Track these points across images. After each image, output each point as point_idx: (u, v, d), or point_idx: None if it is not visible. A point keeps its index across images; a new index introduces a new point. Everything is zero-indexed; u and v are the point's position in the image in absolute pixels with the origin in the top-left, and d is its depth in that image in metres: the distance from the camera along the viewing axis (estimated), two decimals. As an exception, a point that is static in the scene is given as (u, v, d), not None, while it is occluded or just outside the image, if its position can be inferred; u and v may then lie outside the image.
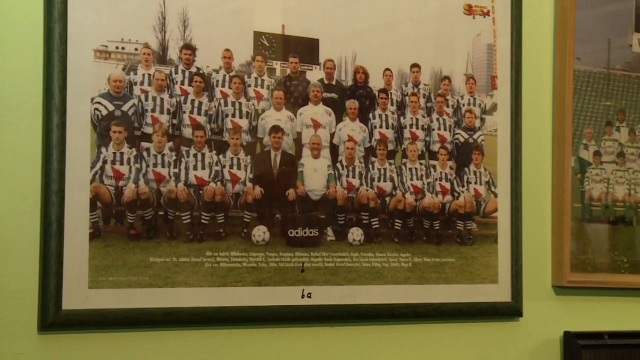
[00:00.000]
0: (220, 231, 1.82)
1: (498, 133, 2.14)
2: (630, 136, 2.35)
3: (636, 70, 2.39)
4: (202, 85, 1.82)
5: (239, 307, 1.82)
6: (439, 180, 2.06)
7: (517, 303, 2.12)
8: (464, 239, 2.07)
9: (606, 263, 2.28)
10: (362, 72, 1.99)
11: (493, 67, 2.15)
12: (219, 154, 1.83)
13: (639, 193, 2.34)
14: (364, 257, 1.95)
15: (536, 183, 2.20)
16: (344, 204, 1.95)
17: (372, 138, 2.00)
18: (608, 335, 2.22)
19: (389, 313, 1.97)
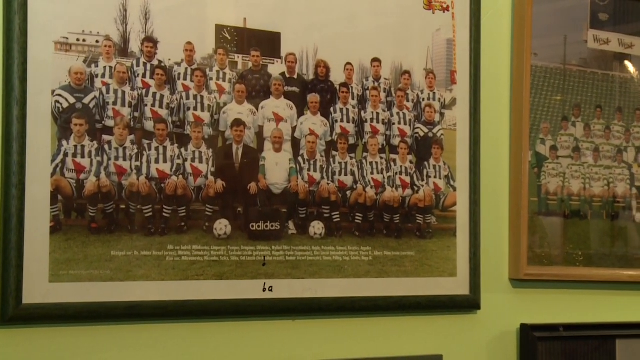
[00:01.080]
0: (182, 225, 1.86)
1: (457, 127, 2.21)
2: (586, 131, 2.44)
3: (591, 66, 2.48)
4: (163, 78, 1.86)
5: (201, 301, 1.86)
6: (399, 174, 2.13)
7: (475, 296, 2.20)
8: (424, 233, 2.15)
9: (562, 256, 2.37)
10: (323, 66, 2.04)
11: (452, 62, 2.22)
12: (181, 147, 1.87)
13: (593, 187, 2.44)
14: (325, 251, 2.01)
15: (494, 177, 2.28)
16: (306, 198, 2.01)
17: (334, 132, 2.05)
18: (563, 327, 2.31)
19: (350, 306, 2.03)
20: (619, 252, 2.48)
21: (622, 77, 2.53)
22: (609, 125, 2.48)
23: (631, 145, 2.52)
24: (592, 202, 2.44)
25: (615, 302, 2.46)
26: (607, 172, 2.47)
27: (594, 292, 2.42)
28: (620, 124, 2.51)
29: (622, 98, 2.52)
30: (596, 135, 2.46)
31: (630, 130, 2.52)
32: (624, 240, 2.49)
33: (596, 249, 2.43)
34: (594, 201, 2.44)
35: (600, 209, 2.45)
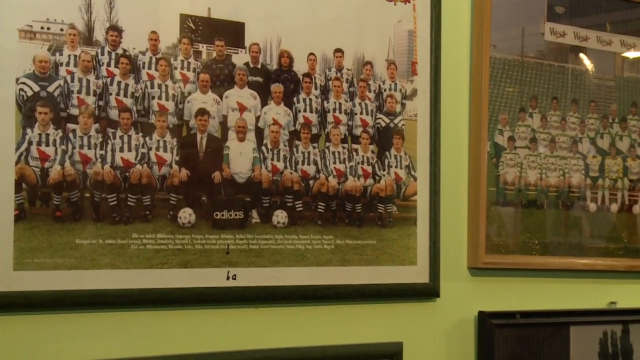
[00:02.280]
0: (147, 213, 1.91)
1: (418, 118, 2.29)
2: (542, 122, 2.54)
3: (548, 58, 2.57)
4: (128, 67, 1.90)
5: (165, 289, 1.91)
6: (361, 164, 2.19)
7: (434, 284, 2.28)
8: (385, 222, 2.22)
9: (518, 245, 2.46)
10: (286, 57, 2.10)
11: (413, 53, 2.29)
12: (146, 136, 1.92)
13: (549, 177, 2.54)
14: (288, 240, 2.07)
15: (454, 167, 2.36)
16: (269, 187, 2.06)
17: (297, 122, 2.11)
18: (520, 314, 2.40)
19: (312, 294, 2.09)
20: (574, 241, 2.58)
21: (577, 69, 2.63)
22: (564, 117, 2.58)
23: (586, 136, 2.62)
24: (548, 192, 2.53)
25: (570, 290, 2.56)
26: (563, 163, 2.56)
27: (550, 280, 2.52)
28: (575, 115, 2.60)
29: (577, 90, 2.62)
30: (552, 127, 2.55)
31: (585, 122, 2.62)
32: (578, 230, 2.59)
33: (552, 237, 2.53)
34: (550, 191, 2.54)
35: (555, 199, 2.55)
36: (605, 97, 2.68)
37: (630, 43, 2.74)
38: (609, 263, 2.63)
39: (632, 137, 2.72)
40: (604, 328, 2.59)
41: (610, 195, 2.66)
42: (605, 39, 2.68)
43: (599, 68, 2.67)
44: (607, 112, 2.67)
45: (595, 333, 2.57)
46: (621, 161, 2.69)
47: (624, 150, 2.70)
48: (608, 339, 2.59)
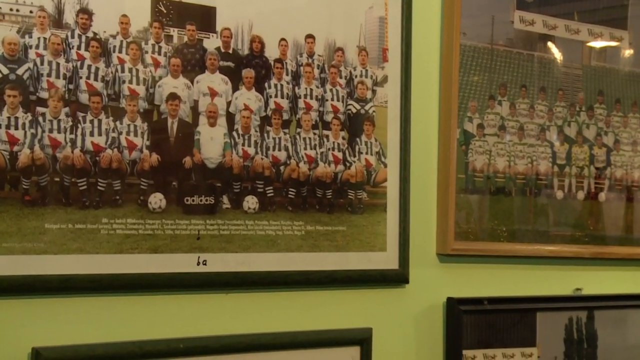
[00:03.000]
0: (117, 198, 1.91)
1: (388, 105, 2.32)
2: (511, 110, 2.58)
3: (517, 46, 2.61)
4: (98, 51, 1.90)
5: (135, 274, 1.92)
6: (332, 150, 2.22)
7: (404, 270, 2.31)
8: (355, 208, 2.24)
9: (487, 232, 2.51)
10: (258, 42, 2.11)
11: (384, 40, 2.32)
12: (116, 121, 1.92)
13: (517, 165, 2.58)
14: (259, 225, 2.09)
15: (424, 154, 2.39)
16: (240, 173, 2.08)
17: (268, 107, 2.13)
18: (487, 300, 2.45)
19: (283, 280, 2.11)
20: (541, 228, 2.63)
21: (546, 57, 2.68)
22: (533, 105, 2.62)
23: (553, 124, 2.67)
24: (516, 180, 2.58)
25: (536, 276, 2.62)
26: (531, 150, 2.61)
27: (517, 266, 2.57)
28: (543, 103, 2.65)
29: (546, 78, 2.67)
30: (521, 114, 2.60)
31: (553, 110, 2.67)
32: (545, 217, 2.64)
33: (519, 225, 2.57)
34: (518, 178, 2.58)
35: (523, 186, 2.59)
36: (573, 85, 2.73)
37: (598, 32, 2.79)
38: (574, 250, 2.69)
39: (599, 126, 2.78)
40: (569, 314, 2.65)
41: (576, 183, 2.71)
42: (573, 27, 2.73)
43: (567, 57, 2.72)
44: (575, 100, 2.72)
45: (561, 319, 2.63)
46: (587, 149, 2.75)
47: (591, 138, 2.76)
48: (573, 325, 2.65)
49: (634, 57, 2.89)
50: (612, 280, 2.81)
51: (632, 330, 2.80)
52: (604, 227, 2.78)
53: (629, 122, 2.85)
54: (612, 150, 2.80)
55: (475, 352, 2.43)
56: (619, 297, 2.78)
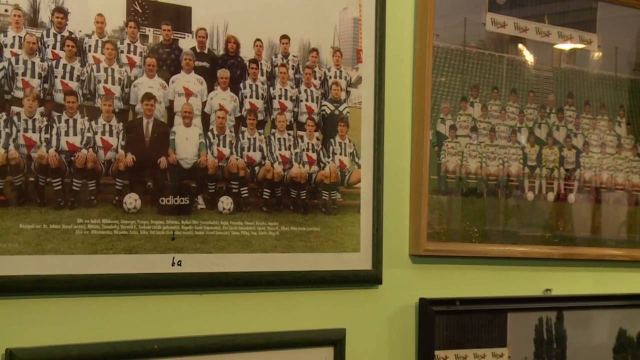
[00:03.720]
0: (92, 198, 1.93)
1: (362, 105, 2.35)
2: (483, 111, 2.63)
3: (489, 48, 2.67)
4: (74, 50, 1.92)
5: (110, 275, 1.93)
6: (306, 151, 2.25)
7: (377, 271, 2.35)
8: (329, 209, 2.28)
9: (459, 233, 2.55)
10: (233, 42, 2.14)
11: (358, 41, 2.36)
12: (91, 120, 1.94)
13: (489, 166, 2.63)
14: (234, 226, 2.12)
15: (397, 155, 2.43)
16: (215, 173, 2.10)
17: (243, 108, 2.16)
18: (459, 301, 2.50)
19: (257, 281, 2.14)
20: (512, 229, 2.68)
21: (517, 59, 2.73)
22: (504, 106, 2.68)
23: (524, 126, 2.73)
24: (488, 181, 2.63)
25: (507, 277, 2.67)
26: (502, 152, 2.67)
27: (489, 267, 2.62)
28: (514, 105, 2.71)
29: (517, 80, 2.72)
30: (492, 116, 2.65)
31: (524, 112, 2.73)
32: (516, 218, 2.69)
33: (491, 226, 2.63)
34: (490, 180, 2.64)
35: (495, 187, 2.65)
36: (543, 87, 2.79)
37: (568, 35, 2.86)
38: (545, 251, 2.75)
39: (568, 128, 2.84)
40: (539, 315, 2.71)
41: (547, 185, 2.77)
42: (543, 30, 2.79)
43: (538, 59, 2.78)
44: (545, 102, 2.78)
45: (531, 319, 2.69)
46: (557, 151, 2.81)
47: (561, 140, 2.82)
48: (543, 325, 2.71)
49: (603, 59, 2.96)
50: (581, 281, 2.87)
51: (599, 331, 2.87)
52: (573, 229, 2.85)
53: (597, 124, 2.92)
54: (582, 152, 2.87)
55: (447, 353, 2.48)
56: (587, 297, 2.84)
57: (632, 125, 3.01)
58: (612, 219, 2.96)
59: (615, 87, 2.97)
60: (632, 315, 2.94)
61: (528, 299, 2.69)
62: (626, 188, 2.98)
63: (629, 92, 3.00)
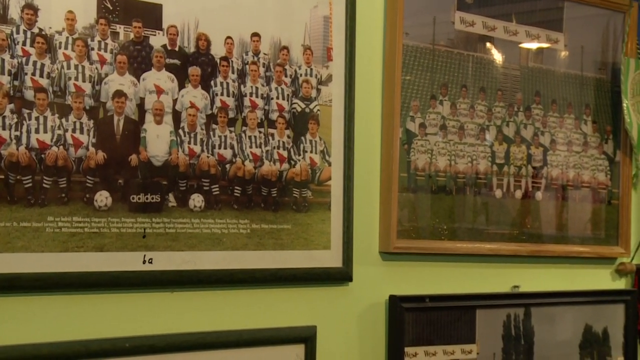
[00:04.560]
0: (62, 196, 1.93)
1: (333, 103, 2.38)
2: (452, 110, 2.67)
3: (458, 47, 2.70)
4: (44, 47, 1.92)
5: (80, 273, 1.94)
6: (277, 149, 2.27)
7: (347, 268, 2.37)
8: (300, 207, 2.30)
9: (428, 230, 2.59)
10: (204, 39, 2.15)
11: (329, 39, 2.38)
12: (62, 118, 1.94)
13: (458, 164, 2.67)
14: (205, 224, 2.13)
15: (367, 153, 2.46)
16: (186, 171, 2.11)
17: (214, 105, 2.17)
18: (429, 298, 2.53)
19: (228, 278, 2.16)
20: (480, 226, 2.72)
21: (485, 58, 2.77)
22: (473, 105, 2.72)
23: (492, 124, 2.77)
24: (457, 178, 2.67)
25: (476, 274, 2.71)
26: (471, 150, 2.70)
27: (458, 264, 2.66)
28: (483, 103, 2.74)
29: (485, 79, 2.76)
30: (461, 114, 2.68)
31: (492, 110, 2.77)
32: (484, 215, 2.73)
33: (460, 223, 2.66)
34: (459, 177, 2.67)
35: (464, 185, 2.68)
36: (511, 86, 2.83)
37: (535, 34, 2.90)
38: (512, 248, 2.79)
39: (536, 126, 2.89)
40: (507, 311, 2.75)
41: (514, 182, 2.81)
42: (511, 29, 2.83)
43: (506, 57, 2.82)
44: (513, 100, 2.82)
45: (499, 316, 2.73)
46: (525, 149, 2.85)
47: (528, 138, 2.87)
48: (511, 322, 2.76)
49: (569, 58, 3.01)
50: (548, 278, 2.92)
51: (566, 326, 2.92)
52: (540, 226, 2.89)
53: (564, 122, 2.97)
54: (549, 150, 2.92)
55: (417, 349, 2.51)
56: (554, 294, 2.89)
57: (598, 123, 3.06)
58: (578, 217, 3.01)
59: (581, 86, 3.02)
60: (598, 312, 3.00)
61: (496, 295, 2.74)
62: (592, 186, 3.04)
63: (594, 91, 3.06)
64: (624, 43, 3.12)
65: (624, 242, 3.10)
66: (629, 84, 3.10)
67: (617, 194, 3.10)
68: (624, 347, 3.06)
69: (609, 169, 3.08)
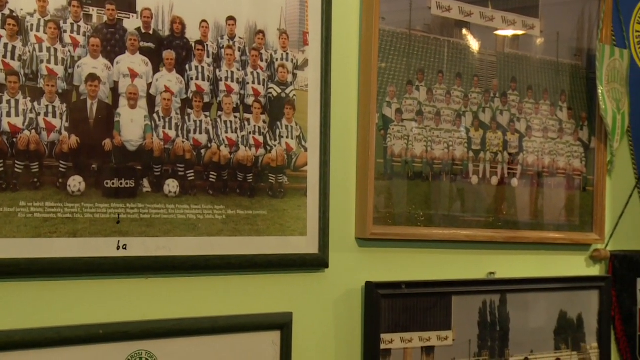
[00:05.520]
0: (35, 181, 1.91)
1: (309, 88, 2.36)
2: (428, 95, 2.66)
3: (434, 32, 2.70)
4: (15, 29, 1.89)
5: (53, 259, 1.92)
6: (253, 134, 2.25)
7: (323, 255, 2.37)
8: (276, 192, 2.29)
9: (405, 217, 2.58)
10: (179, 23, 2.13)
11: (305, 23, 2.36)
12: (34, 101, 1.91)
13: (434, 150, 2.67)
14: (180, 209, 2.12)
15: (343, 139, 2.45)
16: (161, 155, 2.09)
17: (189, 90, 2.15)
18: (405, 284, 2.53)
19: (203, 265, 2.14)
20: (457, 213, 2.72)
21: (462, 44, 2.77)
22: (449, 90, 2.71)
23: (469, 110, 2.77)
24: (433, 165, 2.66)
25: (452, 261, 2.71)
26: (447, 136, 2.70)
27: (434, 250, 2.66)
28: (459, 89, 2.74)
29: (461, 64, 2.76)
30: (438, 100, 2.68)
31: (469, 96, 2.77)
32: (461, 202, 2.74)
33: (436, 209, 2.66)
34: (435, 164, 2.67)
35: (440, 171, 2.68)
36: (487, 72, 2.83)
37: (511, 20, 2.90)
38: (488, 234, 2.80)
39: (512, 112, 2.89)
40: (483, 297, 2.76)
41: (491, 169, 2.82)
42: (487, 14, 2.83)
43: (482, 43, 2.82)
44: (489, 87, 2.83)
45: (475, 302, 2.74)
46: (501, 135, 2.86)
47: (504, 124, 2.87)
48: (487, 308, 2.77)
49: (545, 45, 3.01)
50: (523, 264, 2.93)
51: (540, 313, 2.94)
52: (516, 212, 2.90)
53: (540, 109, 2.97)
54: (524, 137, 2.92)
55: (393, 336, 2.51)
56: (529, 280, 2.90)
57: (573, 110, 3.07)
58: (554, 203, 3.02)
59: (557, 73, 3.03)
60: (573, 298, 3.01)
61: (472, 282, 2.74)
62: (567, 172, 3.05)
63: (570, 77, 3.07)
64: (599, 30, 3.13)
65: (599, 228, 3.12)
66: (604, 70, 3.11)
67: (592, 181, 3.12)
68: (598, 333, 3.08)
69: (584, 156, 3.10)
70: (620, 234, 3.23)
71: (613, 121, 3.13)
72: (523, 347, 2.86)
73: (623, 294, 3.20)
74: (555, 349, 2.95)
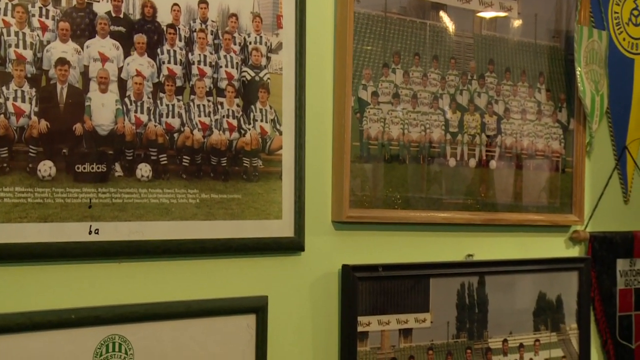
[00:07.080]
0: (4, 166, 1.89)
1: (283, 72, 2.35)
2: (405, 78, 2.65)
3: (410, 14, 2.68)
4: (-18, 13, 1.88)
5: (24, 244, 1.91)
6: (226, 118, 2.24)
7: (299, 238, 2.36)
8: (250, 176, 2.28)
9: (381, 199, 2.58)
10: (150, 6, 2.11)
11: (279, 6, 2.35)
12: (2, 86, 1.89)
13: (411, 133, 2.66)
14: (152, 193, 2.10)
15: (319, 122, 2.44)
16: (132, 140, 2.08)
17: (161, 73, 2.13)
18: (382, 267, 2.52)
19: (177, 249, 2.13)
20: (434, 195, 2.71)
21: (438, 26, 2.75)
22: (426, 73, 2.70)
23: (446, 93, 2.76)
24: (410, 147, 2.65)
25: (430, 243, 2.71)
26: (424, 118, 2.69)
27: (411, 233, 2.65)
28: (436, 71, 2.73)
29: (438, 47, 2.74)
30: (414, 82, 2.67)
31: (446, 78, 2.76)
32: (438, 184, 2.73)
33: (413, 192, 2.65)
34: (412, 146, 2.66)
35: (417, 154, 2.67)
36: (465, 54, 2.82)
37: (488, 2, 2.89)
38: (466, 217, 2.79)
39: (489, 94, 2.88)
40: (461, 280, 2.76)
41: (468, 151, 2.81)
42: (465, -4, 2.82)
43: (459, 25, 2.80)
44: (466, 69, 2.81)
45: (453, 285, 2.74)
46: (479, 117, 2.85)
47: (482, 106, 2.86)
48: (465, 290, 2.76)
49: (523, 27, 3.00)
50: (502, 246, 2.93)
51: (520, 295, 2.93)
52: (494, 194, 2.89)
53: (518, 90, 2.96)
54: (503, 119, 2.91)
55: (370, 319, 2.51)
56: (508, 262, 2.90)
57: (552, 92, 3.06)
58: (533, 185, 3.01)
59: (535, 54, 3.01)
60: (552, 279, 3.01)
61: (450, 264, 2.73)
62: (546, 154, 3.04)
63: (548, 59, 3.05)
64: (577, 11, 3.12)
65: (578, 210, 3.12)
66: (583, 52, 3.10)
67: (570, 162, 3.11)
68: (577, 314, 3.08)
69: (562, 137, 3.09)
70: (599, 215, 3.22)
71: (592, 103, 3.12)
72: (502, 329, 2.86)
73: (602, 274, 3.20)
74: (535, 330, 2.96)
